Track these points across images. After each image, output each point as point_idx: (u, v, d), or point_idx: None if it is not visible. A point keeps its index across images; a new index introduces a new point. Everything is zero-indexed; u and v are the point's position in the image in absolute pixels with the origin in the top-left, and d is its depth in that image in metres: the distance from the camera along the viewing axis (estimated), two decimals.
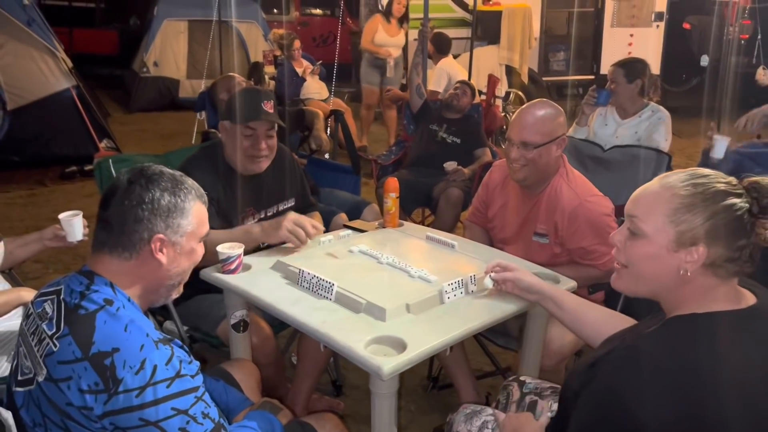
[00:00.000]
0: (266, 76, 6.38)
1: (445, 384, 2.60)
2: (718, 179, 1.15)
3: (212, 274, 1.87)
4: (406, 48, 6.70)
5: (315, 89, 6.09)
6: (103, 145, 5.71)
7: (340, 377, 2.62)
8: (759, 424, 1.05)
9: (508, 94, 7.20)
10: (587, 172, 2.60)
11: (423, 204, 4.02)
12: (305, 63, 6.40)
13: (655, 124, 3.22)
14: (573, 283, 1.87)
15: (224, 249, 1.84)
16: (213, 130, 3.37)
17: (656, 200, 1.18)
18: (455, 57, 6.35)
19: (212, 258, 1.82)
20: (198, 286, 1.82)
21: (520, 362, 1.96)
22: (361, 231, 2.25)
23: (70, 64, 5.81)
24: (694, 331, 1.11)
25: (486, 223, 2.45)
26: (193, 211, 1.32)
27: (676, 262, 1.14)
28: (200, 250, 1.38)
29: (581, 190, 2.17)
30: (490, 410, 1.60)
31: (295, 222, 1.98)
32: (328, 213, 2.72)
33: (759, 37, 6.87)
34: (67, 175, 5.55)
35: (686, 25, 8.76)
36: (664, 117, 3.22)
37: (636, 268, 1.22)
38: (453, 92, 4.17)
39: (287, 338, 2.62)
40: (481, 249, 2.14)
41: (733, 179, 1.15)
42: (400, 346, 1.48)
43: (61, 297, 1.23)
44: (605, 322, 1.48)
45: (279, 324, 2.16)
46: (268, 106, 2.20)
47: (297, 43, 6.30)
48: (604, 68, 7.86)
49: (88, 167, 5.45)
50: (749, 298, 1.17)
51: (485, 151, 4.05)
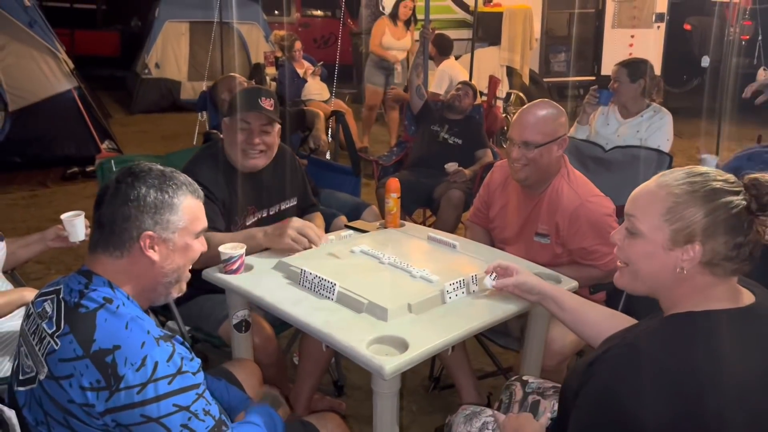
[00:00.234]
0: (267, 78, 6.40)
1: (446, 384, 2.61)
2: (715, 177, 1.15)
3: (214, 275, 1.87)
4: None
5: (316, 90, 6.10)
6: (104, 146, 5.72)
7: (342, 377, 2.62)
8: (755, 422, 1.04)
9: (508, 95, 7.20)
10: (588, 172, 2.60)
11: (424, 205, 4.02)
12: (306, 64, 6.40)
13: (657, 124, 3.23)
14: (574, 283, 1.88)
15: (226, 249, 1.84)
16: (214, 131, 3.37)
17: (652, 199, 1.18)
18: (456, 58, 6.35)
19: (214, 259, 1.83)
20: (200, 286, 1.82)
21: (521, 362, 1.96)
22: (363, 231, 2.25)
23: (72, 66, 5.81)
24: (691, 328, 1.11)
25: (487, 224, 2.46)
26: (184, 207, 1.30)
27: (673, 260, 1.15)
28: (197, 246, 1.35)
29: (582, 190, 2.17)
30: (489, 411, 1.60)
31: (299, 230, 1.97)
32: (328, 215, 2.72)
33: (760, 38, 6.86)
34: (69, 176, 5.56)
35: (687, 26, 8.77)
36: (666, 118, 3.23)
37: (634, 267, 1.23)
38: (455, 93, 4.17)
39: (289, 338, 2.63)
40: (482, 249, 2.14)
41: (731, 177, 1.15)
42: (402, 346, 1.48)
43: (61, 296, 1.23)
44: (606, 323, 1.48)
45: (281, 324, 2.17)
46: (267, 103, 2.20)
47: (298, 45, 6.31)
48: (605, 69, 7.87)
49: (90, 168, 5.48)
50: (748, 298, 1.17)
51: (486, 152, 4.05)
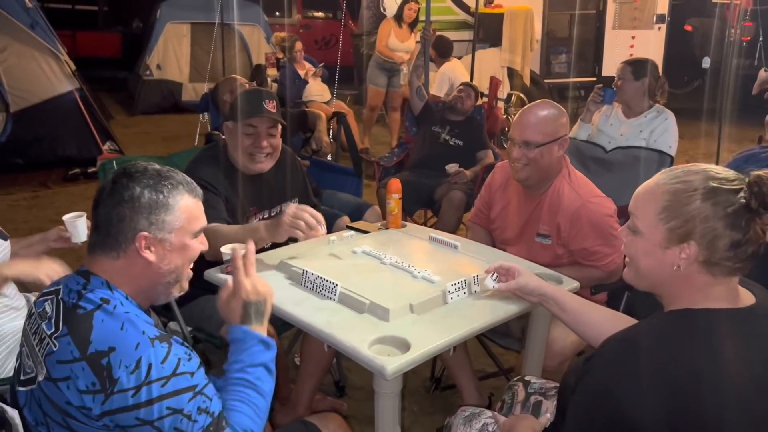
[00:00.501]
0: (269, 79, 6.41)
1: (447, 385, 2.61)
2: (713, 175, 1.13)
3: (216, 275, 1.88)
4: None
5: (317, 91, 6.11)
6: (106, 147, 5.73)
7: (343, 378, 2.62)
8: (750, 423, 1.04)
9: (509, 96, 7.21)
10: (589, 173, 2.61)
11: (425, 206, 4.02)
12: (307, 65, 6.41)
13: (662, 126, 3.18)
14: (576, 284, 1.88)
15: (228, 250, 1.84)
16: (216, 132, 3.38)
17: (649, 198, 1.18)
18: (459, 58, 6.35)
19: (220, 253, 1.83)
20: (202, 286, 1.82)
21: (523, 363, 1.96)
22: (364, 232, 2.25)
23: (73, 67, 5.82)
24: (687, 325, 1.11)
25: (488, 224, 2.46)
26: (180, 207, 1.28)
27: (670, 258, 1.15)
28: (196, 246, 1.34)
29: (583, 191, 2.17)
30: (489, 413, 1.60)
31: (294, 215, 1.92)
32: (331, 216, 2.72)
33: (761, 39, 6.87)
34: (71, 177, 5.57)
35: (688, 27, 8.76)
36: (670, 119, 3.20)
37: (635, 264, 1.23)
38: (457, 95, 4.17)
39: (290, 339, 2.63)
40: (483, 250, 2.14)
41: (731, 174, 1.13)
42: (404, 346, 1.48)
43: (60, 297, 1.23)
44: (608, 323, 1.48)
45: (282, 325, 2.17)
46: (270, 105, 2.21)
47: (299, 45, 6.31)
48: (606, 70, 7.87)
49: (92, 169, 5.49)
50: (748, 299, 1.17)
51: (487, 153, 4.05)
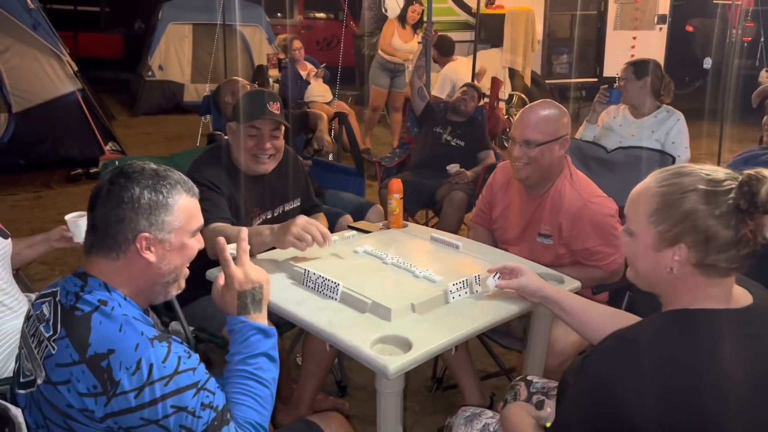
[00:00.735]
0: (270, 80, 6.42)
1: (449, 385, 2.61)
2: (703, 177, 1.11)
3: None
4: None
5: (319, 92, 6.12)
6: (108, 147, 5.74)
7: (345, 378, 2.62)
8: (745, 424, 1.04)
9: (511, 96, 7.21)
10: (591, 173, 2.61)
11: (426, 206, 4.02)
12: (309, 66, 6.42)
13: (676, 128, 3.13)
14: (577, 284, 1.88)
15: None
16: (218, 132, 3.39)
17: (639, 200, 1.18)
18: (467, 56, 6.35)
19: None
20: (204, 286, 1.82)
21: (524, 362, 1.96)
22: (366, 232, 2.26)
23: (75, 68, 5.83)
24: (683, 325, 1.11)
25: (490, 224, 2.46)
26: (179, 206, 1.27)
27: (663, 260, 1.14)
28: (194, 245, 1.33)
29: (585, 191, 2.18)
30: (490, 413, 1.60)
31: (303, 227, 1.92)
32: (333, 215, 2.73)
33: (762, 39, 6.88)
34: (73, 177, 5.58)
35: (689, 28, 8.77)
36: (682, 120, 3.16)
37: (634, 265, 1.24)
38: (460, 97, 4.17)
39: (292, 339, 2.63)
40: (485, 250, 2.14)
41: (721, 175, 1.11)
42: (406, 346, 1.48)
43: (57, 299, 1.22)
44: (610, 323, 1.47)
45: (284, 324, 2.17)
46: (274, 107, 2.21)
47: (296, 44, 6.32)
48: (607, 71, 7.87)
49: (94, 170, 5.51)
50: (745, 299, 1.15)
51: (489, 153, 4.06)
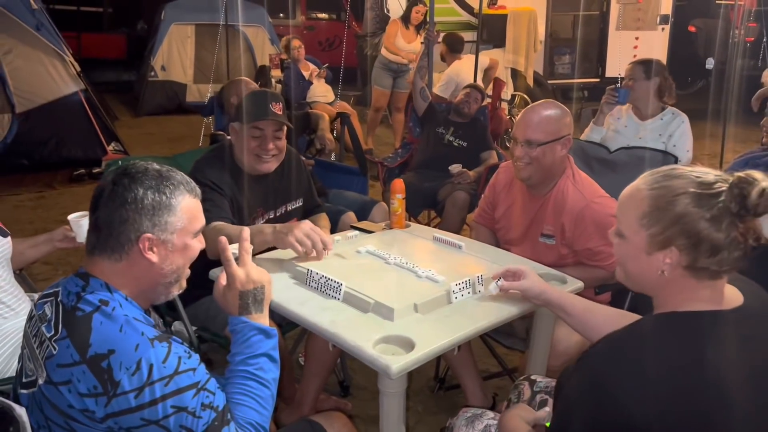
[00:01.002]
0: (273, 80, 6.42)
1: (452, 385, 2.61)
2: (693, 179, 1.10)
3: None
4: None
5: (321, 92, 6.12)
6: (111, 148, 5.76)
7: (348, 378, 2.63)
8: (734, 420, 1.03)
9: (513, 97, 7.21)
10: (593, 173, 2.60)
11: (429, 206, 4.02)
12: (311, 66, 6.42)
13: (680, 129, 3.11)
14: (580, 284, 1.88)
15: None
16: (220, 132, 3.39)
17: (630, 203, 1.17)
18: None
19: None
20: (206, 286, 1.82)
21: (527, 363, 1.96)
22: (369, 232, 2.26)
23: (78, 68, 5.86)
24: (671, 327, 1.11)
25: (493, 225, 2.46)
26: (182, 207, 1.27)
27: (655, 263, 1.14)
28: (196, 245, 1.34)
29: (588, 191, 2.17)
30: (491, 414, 1.60)
31: (306, 233, 1.91)
32: (336, 212, 2.72)
33: (765, 39, 6.87)
34: (76, 177, 5.59)
35: (691, 28, 8.77)
36: (686, 122, 3.14)
37: (624, 267, 1.23)
38: (463, 98, 4.17)
39: (295, 339, 2.64)
40: (488, 250, 2.14)
41: (711, 177, 1.10)
42: (409, 346, 1.48)
43: (59, 299, 1.22)
44: (613, 324, 1.46)
45: (287, 324, 2.18)
46: (277, 108, 2.22)
47: (296, 42, 6.33)
48: (610, 71, 7.86)
49: (97, 170, 5.52)
50: (736, 300, 1.14)
51: (491, 153, 4.06)
